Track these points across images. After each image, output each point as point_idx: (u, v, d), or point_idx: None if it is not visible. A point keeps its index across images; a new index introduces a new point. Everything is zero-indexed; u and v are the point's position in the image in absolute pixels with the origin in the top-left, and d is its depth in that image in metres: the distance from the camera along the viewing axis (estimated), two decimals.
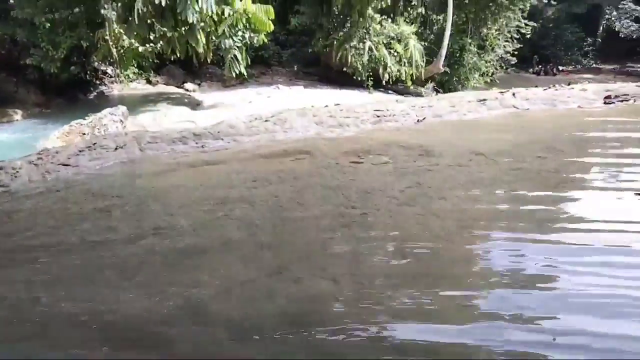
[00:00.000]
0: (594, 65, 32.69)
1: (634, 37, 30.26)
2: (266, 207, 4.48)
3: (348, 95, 22.22)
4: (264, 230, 4.10)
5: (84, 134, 15.46)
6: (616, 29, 30.78)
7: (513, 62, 25.93)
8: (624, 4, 31.49)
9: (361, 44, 22.64)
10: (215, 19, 17.26)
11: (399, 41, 23.43)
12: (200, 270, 3.55)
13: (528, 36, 25.52)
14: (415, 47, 23.31)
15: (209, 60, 19.74)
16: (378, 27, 22.90)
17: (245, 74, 19.16)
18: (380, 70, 22.76)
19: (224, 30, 17.47)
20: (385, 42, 23.11)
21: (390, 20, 23.56)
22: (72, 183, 5.14)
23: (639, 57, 32.38)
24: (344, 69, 22.87)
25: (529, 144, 5.75)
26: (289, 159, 5.61)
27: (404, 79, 23.05)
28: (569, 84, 8.21)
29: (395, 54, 23.09)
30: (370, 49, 22.68)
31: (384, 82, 22.83)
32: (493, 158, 5.37)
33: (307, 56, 25.56)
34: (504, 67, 25.72)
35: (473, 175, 4.98)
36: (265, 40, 19.58)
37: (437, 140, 5.94)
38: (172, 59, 19.80)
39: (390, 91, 23.41)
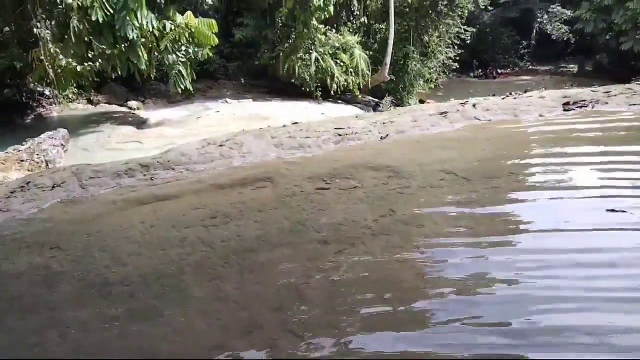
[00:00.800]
0: (530, 67, 33.49)
1: (565, 39, 31.16)
2: (229, 249, 3.92)
3: (298, 106, 21.80)
4: (228, 279, 3.54)
5: (22, 160, 14.36)
6: (548, 32, 31.61)
7: (454, 67, 26.08)
8: (553, 8, 32.39)
9: (307, 55, 22.27)
10: (157, 35, 16.51)
11: (345, 51, 23.21)
12: (157, 336, 2.97)
13: (468, 42, 25.79)
14: (361, 57, 23.14)
15: (152, 77, 18.90)
16: (323, 38, 22.59)
17: (192, 89, 18.43)
18: (329, 81, 22.46)
19: (166, 46, 16.72)
20: (331, 52, 22.83)
21: (334, 31, 23.33)
22: (2, 232, 4.42)
23: (571, 58, 33.49)
24: (292, 81, 22.46)
25: (498, 160, 5.41)
26: (249, 189, 5.05)
27: (352, 88, 22.86)
28: (525, 92, 7.97)
29: (342, 64, 22.85)
30: (316, 60, 22.32)
31: (332, 92, 22.55)
32: (465, 177, 4.98)
33: (254, 68, 24.99)
34: (447, 73, 25.86)
35: (448, 196, 4.57)
36: (211, 55, 18.92)
37: (405, 159, 5.52)
38: (113, 77, 18.81)
39: (339, 101, 23.16)
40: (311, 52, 22.37)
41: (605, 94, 7.39)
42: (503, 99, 7.53)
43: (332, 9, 21.34)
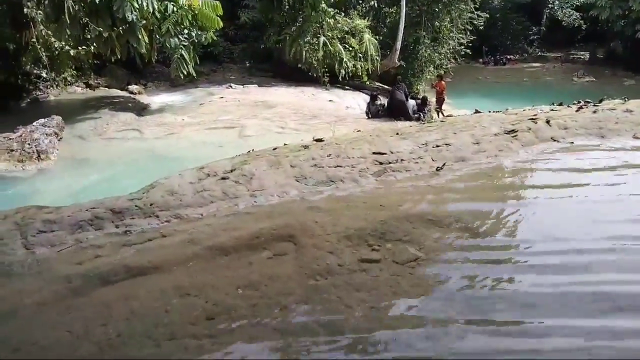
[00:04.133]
0: (540, 53, 31.39)
1: (576, 25, 29.03)
2: None
3: (305, 93, 19.95)
4: None
5: (12, 150, 12.58)
6: (559, 18, 29.45)
7: (462, 53, 24.07)
8: None
9: (315, 39, 20.31)
10: (158, 17, 14.59)
11: (354, 35, 21.25)
12: None
13: (480, 27, 23.77)
14: (370, 41, 21.19)
15: (153, 60, 17.00)
16: (331, 21, 20.59)
17: (195, 73, 16.54)
18: (336, 66, 20.57)
19: (168, 28, 14.80)
20: (339, 36, 20.87)
21: (343, 14, 21.34)
22: None
23: (581, 45, 31.35)
24: (299, 65, 20.58)
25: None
26: (263, 256, 3.31)
27: (360, 74, 20.99)
28: (600, 101, 6.16)
29: (350, 48, 20.92)
30: (324, 44, 20.37)
31: (340, 77, 20.71)
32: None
33: (260, 52, 23.04)
34: (457, 59, 23.88)
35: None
36: (215, 38, 17.02)
37: (476, 206, 3.77)
38: (112, 59, 16.90)
39: (347, 87, 21.29)
40: (319, 35, 20.42)
41: None
42: (578, 110, 5.72)
43: None
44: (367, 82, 21.30)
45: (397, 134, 5.23)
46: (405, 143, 4.83)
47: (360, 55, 21.00)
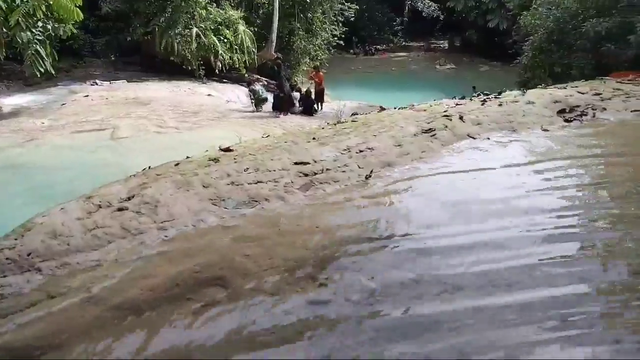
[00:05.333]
0: (404, 43, 32.56)
1: (435, 15, 30.48)
2: None
3: (181, 87, 18.61)
4: None
5: None
6: (419, 9, 30.73)
7: (335, 44, 24.12)
8: None
9: (187, 30, 19.01)
10: (4, 7, 12.51)
11: (228, 27, 20.23)
12: None
13: (352, 19, 23.99)
14: (245, 33, 20.34)
15: (1, 57, 14.66)
16: (203, 12, 19.39)
17: (53, 71, 14.54)
18: (212, 58, 19.47)
19: (18, 21, 12.74)
20: (212, 27, 19.73)
21: (215, 4, 20.22)
22: None
23: (440, 35, 33.08)
24: (171, 58, 19.16)
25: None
26: (188, 308, 2.59)
27: (237, 66, 20.08)
28: (500, 93, 6.10)
29: (225, 40, 19.90)
30: (197, 35, 19.15)
31: (217, 70, 19.68)
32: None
33: (126, 44, 21.04)
34: (330, 50, 23.85)
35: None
36: (74, 31, 15.09)
37: (425, 219, 3.35)
38: None
39: (225, 80, 20.28)
40: (191, 27, 19.13)
41: (596, 96, 5.74)
42: (483, 104, 5.59)
43: None
44: (246, 75, 20.49)
45: (314, 138, 4.66)
46: (327, 150, 4.29)
47: (236, 47, 20.08)
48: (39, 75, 14.35)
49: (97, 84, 18.27)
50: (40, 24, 13.39)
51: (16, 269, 2.89)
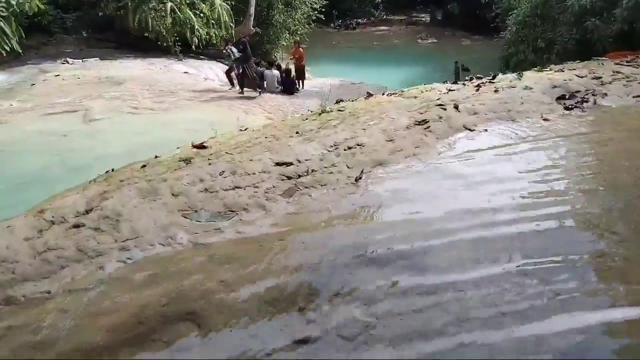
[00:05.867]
0: (385, 17, 31.79)
1: None
2: None
3: (156, 65, 17.81)
4: None
5: None
6: None
7: (314, 18, 23.34)
8: None
9: (161, 5, 18.13)
10: None
11: (204, 1, 19.39)
12: None
13: None
14: (222, 7, 19.51)
15: None
16: None
17: (20, 49, 13.72)
18: (188, 34, 18.66)
19: None
20: (188, 2, 18.88)
21: None
22: None
23: (421, 7, 32.37)
24: (146, 34, 18.31)
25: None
26: (153, 354, 2.18)
27: (215, 42, 19.31)
28: (494, 77, 5.66)
29: (202, 15, 19.08)
30: (172, 10, 18.28)
31: (193, 47, 18.90)
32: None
33: (98, 20, 20.04)
34: (310, 24, 23.10)
35: None
36: (41, 6, 14.25)
37: (423, 228, 2.94)
38: None
39: (202, 57, 19.52)
40: (165, 1, 18.27)
41: (596, 80, 5.34)
42: (478, 89, 5.16)
43: None
44: (224, 50, 19.75)
45: (297, 133, 4.19)
46: (312, 147, 3.83)
47: (213, 21, 19.28)
48: (4, 54, 13.55)
49: (68, 63, 17.38)
50: None
51: None
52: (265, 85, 14.55)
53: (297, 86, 15.01)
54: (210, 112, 12.43)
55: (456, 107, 4.55)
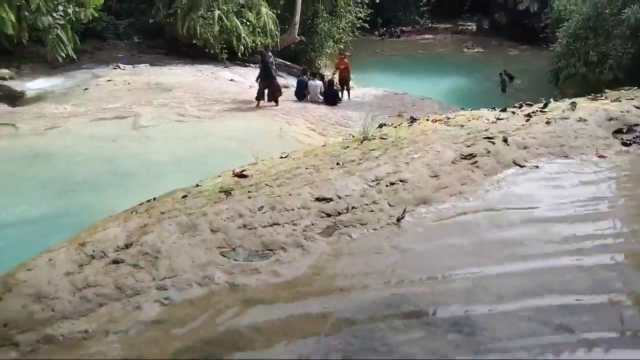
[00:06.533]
0: (430, 25, 31.38)
1: None
2: None
3: (204, 72, 18.13)
4: None
5: None
6: None
7: (358, 26, 23.22)
8: None
9: (209, 13, 18.45)
10: None
11: (250, 9, 19.61)
12: None
13: (377, 1, 23.03)
14: (268, 15, 19.68)
15: (24, 41, 14.32)
16: None
17: (75, 56, 14.16)
18: (234, 42, 18.92)
19: (38, 5, 12.32)
20: (235, 10, 19.14)
21: None
22: None
23: (468, 16, 31.77)
24: (194, 42, 18.67)
25: None
26: None
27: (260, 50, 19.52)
28: (546, 105, 5.39)
29: (248, 23, 19.31)
30: (220, 18, 18.58)
31: (239, 54, 19.15)
32: None
33: (149, 27, 20.62)
34: (354, 32, 23.01)
35: None
36: (95, 14, 14.65)
37: (475, 291, 2.78)
38: None
39: (248, 64, 19.72)
40: (213, 9, 18.57)
41: None
42: (528, 119, 4.92)
43: None
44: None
45: (338, 164, 4.09)
46: (353, 181, 3.72)
47: (259, 30, 19.47)
48: (60, 60, 14.03)
49: (120, 68, 17.92)
50: (60, 7, 13.00)
51: None
52: (308, 96, 14.54)
53: (340, 96, 14.93)
54: (254, 121, 12.52)
55: (505, 140, 4.33)
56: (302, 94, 14.62)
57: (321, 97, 14.32)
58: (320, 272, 2.95)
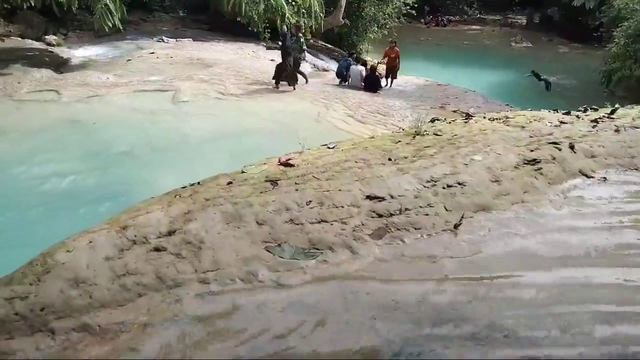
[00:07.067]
0: (479, 16, 30.38)
1: None
2: None
3: (245, 51, 17.95)
4: None
5: None
6: None
7: (404, 12, 22.57)
8: None
9: None
10: None
11: None
12: None
13: None
14: None
15: (73, 8, 14.40)
16: None
17: (121, 26, 14.18)
18: (278, 21, 18.60)
19: None
20: None
21: None
22: None
23: (518, 9, 30.65)
24: (238, 19, 18.43)
25: None
26: None
27: (303, 31, 19.18)
28: (613, 112, 5.00)
29: (294, 3, 18.95)
30: None
31: None
32: None
33: (194, 1, 20.54)
34: (400, 18, 22.39)
35: None
36: None
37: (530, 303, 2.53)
38: (24, 6, 14.20)
39: None
40: None
41: None
42: (595, 125, 4.56)
43: None
44: (311, 40, 19.55)
45: (390, 159, 3.85)
46: (406, 180, 3.47)
47: (304, 10, 19.09)
48: (107, 30, 14.07)
49: (163, 41, 17.89)
50: None
51: (25, 329, 2.32)
52: (349, 80, 14.23)
53: (384, 84, 14.55)
54: (292, 103, 12.29)
55: (572, 147, 4.00)
56: (342, 74, 14.32)
57: (362, 83, 13.98)
58: (371, 278, 2.73)
